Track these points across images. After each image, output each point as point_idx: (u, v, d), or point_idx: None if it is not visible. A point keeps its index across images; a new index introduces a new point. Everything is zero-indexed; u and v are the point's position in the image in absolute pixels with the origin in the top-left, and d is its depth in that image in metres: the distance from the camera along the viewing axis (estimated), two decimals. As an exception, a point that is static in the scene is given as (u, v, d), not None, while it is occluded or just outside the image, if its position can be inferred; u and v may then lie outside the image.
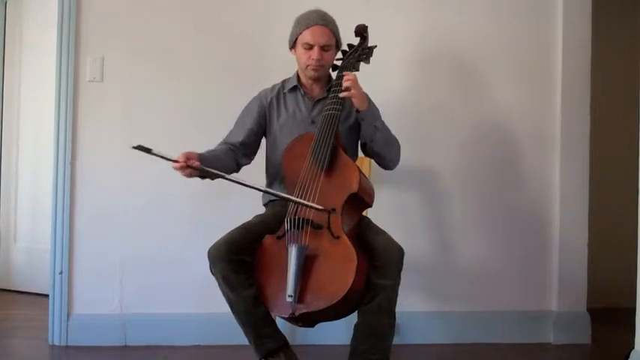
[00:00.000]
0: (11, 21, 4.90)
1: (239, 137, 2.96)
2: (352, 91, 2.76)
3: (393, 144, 2.92)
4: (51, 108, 3.58)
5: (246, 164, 2.99)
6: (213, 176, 2.67)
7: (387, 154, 2.91)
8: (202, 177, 2.70)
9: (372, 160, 3.22)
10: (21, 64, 4.84)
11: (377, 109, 2.96)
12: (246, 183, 2.64)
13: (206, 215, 3.50)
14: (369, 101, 2.89)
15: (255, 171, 3.02)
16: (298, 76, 3.01)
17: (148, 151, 2.52)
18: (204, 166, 2.63)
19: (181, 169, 2.61)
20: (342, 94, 2.77)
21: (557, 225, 3.68)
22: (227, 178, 2.65)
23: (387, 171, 3.00)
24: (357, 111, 2.82)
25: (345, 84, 2.78)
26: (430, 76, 3.67)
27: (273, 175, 2.99)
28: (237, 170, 2.95)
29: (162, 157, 2.54)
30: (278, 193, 2.78)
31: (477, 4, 3.68)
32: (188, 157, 2.62)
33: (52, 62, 3.58)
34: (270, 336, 2.67)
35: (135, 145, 2.51)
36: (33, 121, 4.76)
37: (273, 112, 2.99)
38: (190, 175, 2.65)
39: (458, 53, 3.69)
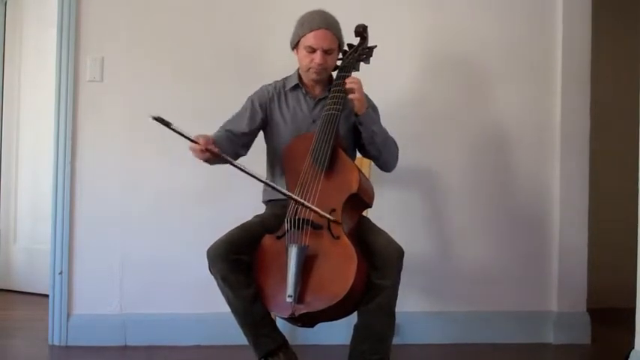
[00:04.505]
0: (11, 20, 4.90)
1: (243, 127, 2.92)
2: (356, 94, 2.76)
3: (391, 147, 2.91)
4: (51, 108, 3.58)
5: (243, 155, 2.93)
6: (223, 162, 2.61)
7: (384, 157, 2.90)
8: (211, 163, 2.68)
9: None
10: (21, 64, 4.85)
11: (376, 111, 2.97)
12: (257, 176, 2.63)
13: (206, 215, 3.50)
14: (368, 104, 2.88)
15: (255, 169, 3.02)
16: (299, 75, 3.00)
17: (167, 124, 2.47)
18: (223, 154, 2.59)
19: (200, 152, 2.58)
20: (348, 96, 2.77)
21: (557, 225, 3.68)
22: (239, 168, 2.57)
23: (388, 171, 3.00)
24: (356, 115, 2.82)
25: (349, 86, 2.78)
26: (431, 76, 3.67)
27: (274, 173, 2.99)
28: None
29: (180, 134, 2.49)
30: (292, 195, 2.66)
31: (477, 5, 3.68)
32: (208, 140, 2.59)
33: (52, 62, 3.58)
34: (270, 336, 2.67)
35: (155, 115, 2.45)
36: (33, 121, 4.76)
37: (274, 109, 2.98)
38: (205, 159, 2.62)
39: (459, 54, 3.69)
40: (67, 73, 3.50)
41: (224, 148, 2.70)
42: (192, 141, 2.57)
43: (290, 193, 2.68)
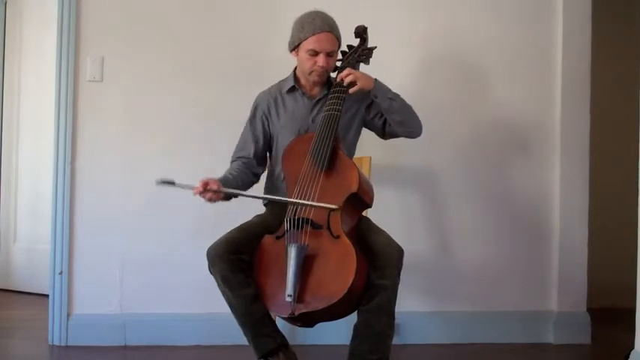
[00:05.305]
0: (11, 21, 4.90)
1: (250, 151, 2.99)
2: (358, 83, 2.79)
3: (410, 108, 2.93)
4: (51, 108, 3.58)
5: (263, 172, 3.04)
6: (233, 195, 2.75)
7: (408, 121, 2.91)
8: (226, 199, 2.75)
9: (372, 160, 3.23)
10: (21, 64, 4.85)
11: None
12: (263, 196, 2.89)
13: (206, 215, 3.48)
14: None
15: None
16: (296, 76, 3.00)
17: (171, 183, 2.61)
18: (222, 188, 2.69)
19: (201, 194, 2.66)
20: (351, 91, 2.80)
21: (557, 225, 3.68)
22: (246, 195, 2.80)
23: (388, 171, 3.01)
24: (368, 92, 2.84)
25: (347, 80, 2.80)
26: (431, 76, 3.67)
27: (276, 174, 2.98)
28: (257, 180, 3.01)
29: (184, 187, 2.64)
30: (291, 200, 2.72)
31: (477, 5, 3.68)
32: (207, 182, 2.66)
33: (52, 62, 3.58)
34: (269, 336, 2.67)
35: (159, 181, 2.61)
36: (33, 122, 4.76)
37: (273, 115, 2.99)
38: (211, 199, 2.69)
39: (459, 54, 3.69)
40: (67, 73, 3.50)
41: (233, 182, 2.82)
42: (192, 188, 2.66)
43: (288, 199, 2.71)
